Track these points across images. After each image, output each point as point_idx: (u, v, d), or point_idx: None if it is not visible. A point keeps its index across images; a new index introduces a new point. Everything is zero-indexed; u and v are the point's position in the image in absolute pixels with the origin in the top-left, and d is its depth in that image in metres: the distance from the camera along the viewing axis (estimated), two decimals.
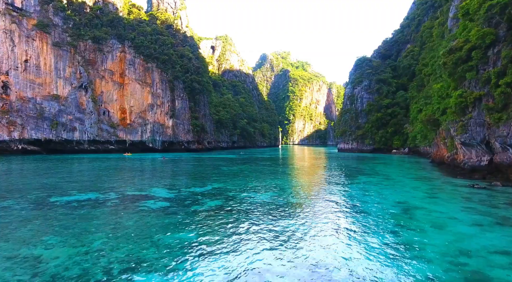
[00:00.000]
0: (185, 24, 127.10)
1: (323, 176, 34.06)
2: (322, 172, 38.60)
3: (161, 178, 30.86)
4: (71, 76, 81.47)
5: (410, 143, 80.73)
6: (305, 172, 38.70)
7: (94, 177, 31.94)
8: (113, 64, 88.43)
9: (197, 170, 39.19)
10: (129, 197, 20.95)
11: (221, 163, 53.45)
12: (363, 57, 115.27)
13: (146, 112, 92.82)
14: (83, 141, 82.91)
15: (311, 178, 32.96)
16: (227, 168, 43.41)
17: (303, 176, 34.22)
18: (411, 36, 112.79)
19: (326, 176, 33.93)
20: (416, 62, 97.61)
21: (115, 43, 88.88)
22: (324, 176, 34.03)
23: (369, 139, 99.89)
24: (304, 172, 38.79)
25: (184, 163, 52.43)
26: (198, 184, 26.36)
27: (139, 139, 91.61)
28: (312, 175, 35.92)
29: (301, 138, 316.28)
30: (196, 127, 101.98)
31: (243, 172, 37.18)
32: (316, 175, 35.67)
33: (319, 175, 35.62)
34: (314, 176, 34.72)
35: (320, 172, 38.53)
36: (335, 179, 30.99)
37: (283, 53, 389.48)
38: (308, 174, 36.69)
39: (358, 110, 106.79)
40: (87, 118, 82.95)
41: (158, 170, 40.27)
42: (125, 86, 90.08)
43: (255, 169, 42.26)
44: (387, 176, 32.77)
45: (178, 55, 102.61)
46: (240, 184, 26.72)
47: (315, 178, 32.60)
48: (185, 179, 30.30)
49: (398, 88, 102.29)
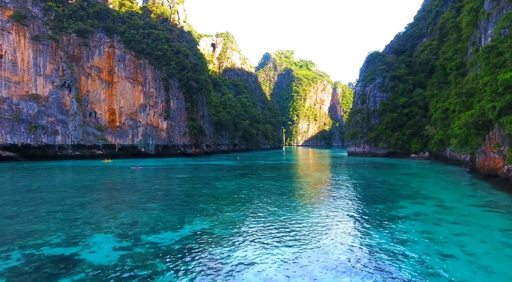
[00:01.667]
0: (182, 19, 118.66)
1: (350, 203, 25.11)
2: (345, 193, 29.58)
3: (116, 211, 20.96)
4: (53, 73, 73.13)
5: (433, 147, 71.49)
6: (322, 193, 29.67)
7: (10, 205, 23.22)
8: (100, 61, 79.99)
9: (180, 189, 30.34)
10: (34, 258, 12.16)
11: (216, 174, 44.65)
12: (375, 52, 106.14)
13: (138, 114, 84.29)
14: (67, 146, 74.49)
15: (334, 207, 23.99)
16: (222, 182, 34.60)
17: (323, 203, 25.22)
18: (427, 29, 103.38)
19: (355, 203, 25.00)
20: (435, 57, 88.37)
21: (102, 37, 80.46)
22: (353, 203, 25.08)
23: (383, 142, 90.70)
24: (321, 193, 29.77)
25: (168, 175, 43.64)
26: (171, 223, 17.45)
27: (129, 143, 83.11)
28: (333, 199, 26.93)
29: (305, 140, 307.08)
30: (194, 129, 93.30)
31: (241, 192, 28.33)
32: (339, 199, 26.65)
33: (343, 198, 26.60)
34: (337, 202, 25.71)
35: (342, 193, 29.50)
36: (372, 211, 22.03)
37: (287, 52, 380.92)
38: (327, 197, 27.70)
39: (370, 110, 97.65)
40: (70, 120, 74.53)
41: (124, 188, 31.49)
42: (114, 85, 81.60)
43: (256, 185, 33.41)
44: (439, 203, 23.72)
45: (173, 51, 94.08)
46: (235, 223, 17.87)
47: (342, 208, 23.67)
48: (155, 210, 21.43)
49: (415, 86, 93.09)
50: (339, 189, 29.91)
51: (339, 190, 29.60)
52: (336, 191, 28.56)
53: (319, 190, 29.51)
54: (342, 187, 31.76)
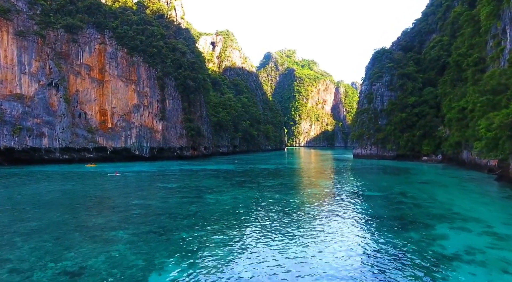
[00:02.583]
0: (180, 16, 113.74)
1: (373, 230, 20.05)
2: (363, 213, 24.50)
3: (67, 245, 15.93)
4: (39, 71, 68.35)
5: (447, 150, 66.25)
6: (334, 213, 24.58)
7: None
8: (90, 58, 75.15)
9: (163, 206, 25.29)
10: None
11: (210, 182, 39.63)
12: (382, 49, 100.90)
13: (131, 114, 79.42)
14: (54, 149, 69.64)
15: (355, 240, 18.90)
16: (215, 195, 29.59)
17: (338, 233, 20.12)
18: (437, 24, 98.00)
19: (381, 230, 19.96)
20: (446, 53, 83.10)
21: (93, 33, 75.62)
22: (378, 230, 20.00)
23: (391, 144, 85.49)
24: (332, 214, 24.67)
25: (155, 184, 38.67)
26: (132, 272, 12.46)
27: (122, 146, 78.22)
28: (351, 225, 21.86)
29: (307, 140, 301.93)
30: (191, 131, 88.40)
31: (236, 211, 23.34)
32: (359, 224, 21.55)
33: (363, 224, 21.51)
34: (356, 229, 20.61)
35: (360, 214, 24.39)
36: (406, 245, 16.94)
37: (288, 52, 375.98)
38: (342, 222, 22.61)
39: (377, 110, 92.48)
40: (58, 121, 69.70)
41: (95, 205, 26.49)
42: (105, 84, 76.75)
43: (255, 199, 28.43)
44: (487, 228, 18.60)
45: (169, 49, 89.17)
46: (223, 269, 12.84)
47: (364, 240, 18.61)
48: (120, 242, 16.42)
49: (425, 84, 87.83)
50: (354, 207, 24.85)
51: (354, 208, 24.54)
52: (352, 210, 23.49)
53: (329, 207, 24.45)
54: (357, 202, 26.69)
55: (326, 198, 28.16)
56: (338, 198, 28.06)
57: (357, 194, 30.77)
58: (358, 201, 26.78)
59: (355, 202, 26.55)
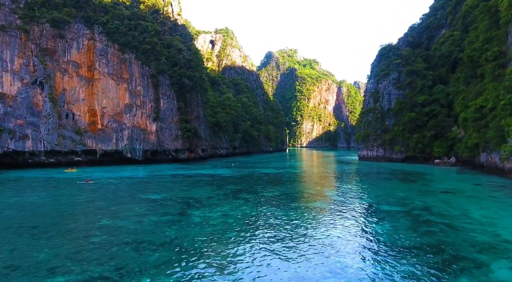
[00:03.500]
0: (176, 12, 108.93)
1: (401, 260, 15.15)
2: (384, 241, 19.55)
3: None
4: (22, 69, 63.73)
5: (462, 152, 61.20)
6: (347, 241, 19.62)
7: None
8: (78, 55, 70.48)
9: (134, 228, 20.34)
10: None
11: (201, 192, 34.73)
12: (389, 45, 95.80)
13: (123, 115, 74.70)
14: (39, 152, 65.02)
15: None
16: (204, 211, 24.72)
17: (355, 258, 15.18)
18: (446, 19, 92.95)
19: (411, 261, 15.04)
20: (458, 48, 78.05)
21: (81, 28, 70.96)
22: (411, 273, 15.11)
23: (399, 145, 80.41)
24: (344, 241, 19.69)
25: (134, 194, 33.81)
26: None
27: (113, 148, 73.49)
28: (368, 245, 16.98)
29: (309, 141, 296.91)
30: (187, 132, 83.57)
31: (226, 236, 18.52)
32: (382, 261, 16.66)
33: (387, 263, 16.62)
34: (377, 270, 15.71)
35: (382, 244, 19.45)
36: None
37: (290, 51, 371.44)
38: (358, 238, 17.69)
39: (384, 109, 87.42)
40: (43, 123, 65.06)
41: (50, 226, 21.59)
42: (95, 83, 72.08)
43: (251, 216, 23.61)
44: None
45: (164, 45, 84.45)
46: None
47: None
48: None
49: (435, 81, 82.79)
50: (372, 229, 19.92)
51: (373, 231, 19.61)
52: (371, 235, 18.58)
53: (341, 232, 19.54)
54: (375, 222, 21.77)
55: (336, 216, 23.21)
56: (350, 216, 23.12)
57: (372, 208, 25.81)
58: (375, 220, 21.83)
59: (372, 221, 21.60)
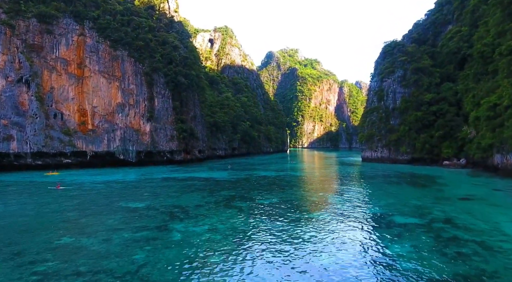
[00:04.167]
0: (173, 9, 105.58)
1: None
2: (406, 261, 15.83)
3: None
4: (6, 66, 60.25)
5: (474, 153, 57.36)
6: (360, 254, 15.97)
7: None
8: (68, 52, 67.01)
9: (97, 251, 16.66)
10: None
11: (189, 199, 31.04)
12: (394, 42, 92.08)
13: (115, 115, 71.16)
14: (25, 154, 61.51)
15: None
16: (186, 225, 21.06)
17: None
18: (453, 14, 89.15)
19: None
20: (467, 44, 74.31)
21: (70, 23, 67.50)
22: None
23: (405, 146, 76.58)
24: (357, 255, 16.03)
25: (113, 203, 30.15)
26: None
27: (105, 149, 69.93)
28: (387, 276, 13.24)
29: (310, 141, 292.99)
30: (183, 132, 79.97)
31: (209, 259, 14.87)
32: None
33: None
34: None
35: (402, 261, 15.69)
36: None
37: (290, 51, 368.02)
38: (373, 265, 14.01)
39: (389, 108, 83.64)
40: (29, 123, 61.56)
41: (7, 242, 18.07)
42: (85, 81, 68.58)
43: (242, 230, 20.01)
44: None
45: (158, 42, 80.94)
46: None
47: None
48: None
49: (442, 79, 79.01)
50: (389, 252, 16.20)
51: (389, 251, 15.91)
52: (388, 260, 14.87)
53: (351, 253, 15.86)
54: (391, 239, 18.07)
55: (343, 232, 19.49)
56: (361, 231, 19.41)
57: (384, 221, 22.05)
58: (391, 238, 18.09)
59: (388, 239, 17.86)
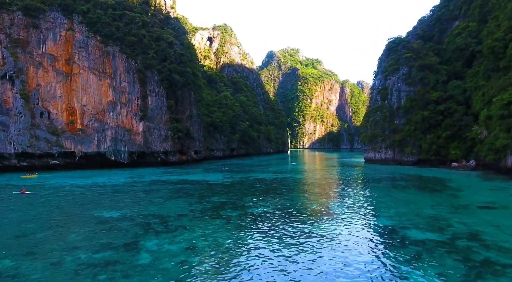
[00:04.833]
0: (169, 5, 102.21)
1: None
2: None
3: None
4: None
5: (486, 154, 53.69)
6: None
7: None
8: (55, 47, 63.70)
9: (34, 280, 13.33)
10: None
11: (173, 206, 27.50)
12: (398, 38, 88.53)
13: (105, 114, 67.79)
14: (8, 155, 58.21)
15: None
16: (161, 241, 17.53)
17: None
18: (460, 10, 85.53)
19: None
20: (476, 40, 70.78)
21: (58, 17, 64.23)
22: None
23: (411, 147, 72.95)
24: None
25: (84, 212, 26.60)
26: None
27: (95, 150, 66.54)
28: None
29: (311, 142, 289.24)
30: (178, 132, 76.54)
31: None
32: None
33: None
34: None
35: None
36: None
37: (291, 51, 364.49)
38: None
39: (393, 107, 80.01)
40: (13, 122, 58.27)
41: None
42: (73, 78, 65.25)
43: (227, 247, 16.59)
44: None
45: (152, 38, 77.57)
46: None
47: None
48: None
49: (449, 77, 75.34)
50: (409, 279, 12.65)
51: (411, 279, 12.34)
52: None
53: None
54: (407, 261, 14.55)
55: (349, 252, 15.93)
56: (371, 251, 15.85)
57: (398, 237, 18.43)
58: (409, 261, 14.51)
59: (406, 262, 14.27)
